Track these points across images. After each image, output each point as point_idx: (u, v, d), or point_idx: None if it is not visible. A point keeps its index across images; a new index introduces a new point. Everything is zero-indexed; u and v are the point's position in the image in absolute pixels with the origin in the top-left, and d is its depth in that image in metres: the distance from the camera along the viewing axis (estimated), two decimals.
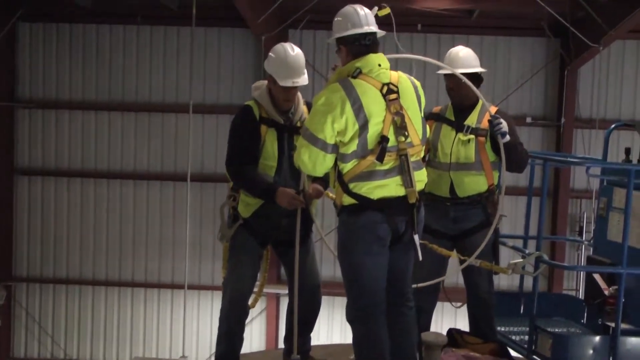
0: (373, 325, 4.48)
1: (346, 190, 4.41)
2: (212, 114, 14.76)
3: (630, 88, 14.75)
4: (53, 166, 15.51)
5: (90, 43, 15.23)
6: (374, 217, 4.40)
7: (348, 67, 4.48)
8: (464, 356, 5.33)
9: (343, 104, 4.31)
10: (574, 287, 14.67)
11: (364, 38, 4.50)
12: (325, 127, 4.32)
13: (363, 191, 4.38)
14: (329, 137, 4.34)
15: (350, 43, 4.50)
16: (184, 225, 13.44)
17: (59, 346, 15.80)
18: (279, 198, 4.95)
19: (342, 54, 4.56)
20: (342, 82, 4.41)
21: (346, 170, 4.39)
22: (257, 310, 14.74)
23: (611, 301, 5.61)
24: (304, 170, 4.56)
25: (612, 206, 5.91)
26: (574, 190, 14.78)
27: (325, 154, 4.38)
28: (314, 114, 4.41)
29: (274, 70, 5.05)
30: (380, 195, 4.38)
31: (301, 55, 5.10)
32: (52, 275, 15.71)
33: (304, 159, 4.43)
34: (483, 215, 5.69)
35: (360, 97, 4.34)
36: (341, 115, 4.30)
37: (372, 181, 4.37)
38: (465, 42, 13.40)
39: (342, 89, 4.36)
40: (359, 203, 4.39)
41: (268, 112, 5.11)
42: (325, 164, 4.43)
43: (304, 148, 4.41)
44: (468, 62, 5.71)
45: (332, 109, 4.31)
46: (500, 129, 5.42)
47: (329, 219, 14.39)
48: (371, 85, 4.40)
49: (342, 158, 4.39)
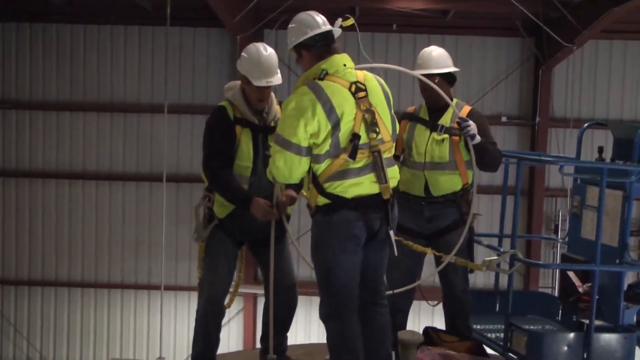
0: (347, 323, 4.49)
1: (321, 191, 4.41)
2: (188, 114, 14.71)
3: (603, 87, 14.89)
4: (27, 167, 15.38)
5: (64, 43, 15.12)
6: (348, 215, 4.41)
7: (313, 70, 4.49)
8: (440, 354, 5.35)
9: (314, 106, 4.31)
10: (550, 285, 14.77)
11: (324, 39, 4.53)
12: (298, 130, 4.31)
13: (337, 190, 4.38)
14: (302, 140, 4.33)
15: (312, 46, 4.52)
16: (160, 225, 13.39)
17: (35, 348, 15.68)
18: (253, 209, 4.96)
19: (304, 61, 4.58)
20: (310, 85, 4.41)
21: (320, 170, 4.40)
22: (234, 310, 14.73)
23: (585, 298, 5.66)
24: (280, 178, 4.51)
25: (586, 204, 5.95)
26: (549, 189, 14.89)
27: (300, 158, 4.37)
28: (286, 119, 4.39)
29: (247, 71, 5.04)
30: (355, 194, 4.39)
31: (274, 55, 5.11)
32: (27, 277, 15.58)
33: (279, 165, 4.40)
34: (457, 214, 5.72)
35: (330, 98, 4.35)
36: (313, 117, 4.31)
37: (346, 180, 4.38)
38: (440, 42, 13.48)
39: (311, 92, 4.36)
40: (333, 202, 4.40)
41: (242, 112, 5.11)
42: (301, 168, 4.41)
43: (278, 154, 4.39)
44: (441, 62, 5.73)
45: (303, 112, 4.31)
46: (468, 131, 5.46)
47: (306, 219, 14.43)
48: (339, 85, 4.41)
49: (315, 159, 4.40)
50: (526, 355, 5.45)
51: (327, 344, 4.60)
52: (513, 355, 5.62)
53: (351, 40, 4.77)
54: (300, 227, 14.21)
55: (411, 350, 5.26)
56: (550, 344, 5.45)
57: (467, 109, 5.77)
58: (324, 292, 4.54)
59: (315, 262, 4.55)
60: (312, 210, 4.51)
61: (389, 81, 5.09)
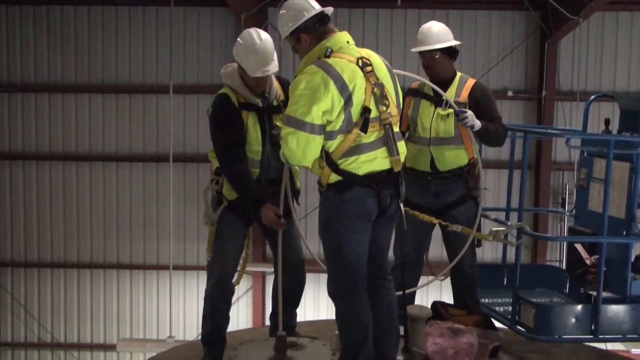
0: (356, 300, 4.50)
1: (335, 168, 4.38)
2: (193, 94, 14.70)
3: (610, 60, 14.81)
4: (34, 150, 15.42)
5: (68, 25, 15.09)
6: (361, 192, 4.41)
7: (317, 50, 4.46)
8: (449, 328, 5.37)
9: (326, 83, 4.28)
10: (558, 258, 14.78)
11: (321, 19, 4.51)
12: (311, 109, 4.26)
13: (351, 167, 4.37)
14: (316, 118, 4.28)
15: (311, 28, 4.49)
16: (168, 206, 13.44)
17: (46, 330, 15.80)
18: (263, 214, 4.97)
19: (303, 45, 4.53)
20: (318, 63, 4.37)
21: (333, 147, 4.37)
22: (243, 289, 14.80)
23: (593, 270, 5.66)
24: (293, 160, 4.43)
25: (593, 177, 5.95)
26: (556, 163, 14.87)
27: (314, 137, 4.31)
28: (298, 99, 4.32)
29: (243, 61, 4.99)
30: (367, 170, 4.39)
31: (269, 42, 5.03)
32: (36, 260, 15.67)
33: (292, 146, 4.32)
34: (464, 189, 5.73)
35: (340, 74, 4.32)
36: (326, 94, 4.27)
37: (360, 155, 4.37)
38: (445, 17, 13.43)
39: (321, 70, 4.32)
40: (345, 179, 4.38)
41: (245, 96, 5.07)
42: (315, 148, 4.35)
43: (291, 135, 4.32)
44: (442, 37, 5.70)
45: (315, 90, 4.27)
46: (466, 123, 5.46)
47: (313, 196, 14.46)
48: (346, 60, 4.40)
49: (328, 136, 4.36)
50: (534, 328, 5.47)
51: (336, 321, 4.61)
52: (521, 328, 5.63)
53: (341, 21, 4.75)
54: (308, 205, 14.28)
55: (420, 325, 5.29)
56: (558, 316, 5.46)
57: (471, 82, 5.76)
58: (333, 270, 4.54)
59: (324, 239, 4.54)
60: (322, 187, 4.48)
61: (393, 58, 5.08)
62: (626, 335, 5.58)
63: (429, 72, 5.80)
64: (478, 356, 5.29)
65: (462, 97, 5.67)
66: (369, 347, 4.53)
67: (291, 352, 4.97)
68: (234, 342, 5.30)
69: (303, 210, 13.81)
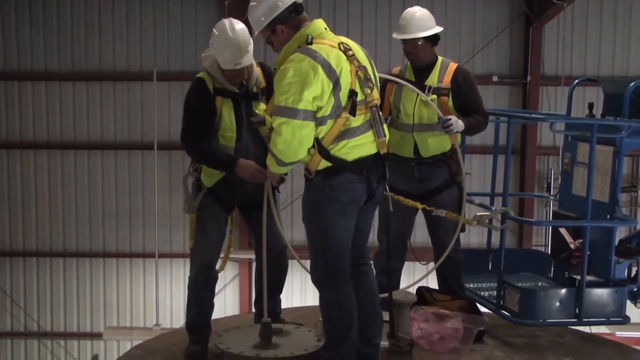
0: (342, 287, 4.49)
1: (325, 155, 4.35)
2: (178, 80, 14.62)
3: (594, 44, 14.83)
4: (18, 139, 15.32)
5: (50, 12, 14.97)
6: (351, 178, 4.39)
7: (297, 38, 4.40)
8: (434, 314, 5.39)
9: (314, 68, 4.24)
10: (543, 243, 14.84)
11: (295, 9, 4.44)
12: (303, 95, 4.21)
13: (341, 153, 4.35)
14: (308, 104, 4.23)
15: (287, 18, 4.42)
16: (153, 193, 13.40)
17: (32, 319, 15.75)
18: (239, 170, 4.91)
19: (280, 36, 4.46)
20: (302, 50, 4.32)
21: (323, 133, 4.33)
22: (229, 276, 14.80)
23: (577, 254, 5.70)
24: (288, 154, 4.31)
25: (577, 161, 5.97)
26: (541, 147, 14.90)
27: (308, 123, 4.25)
28: (287, 88, 4.24)
29: (216, 52, 4.94)
30: (357, 156, 4.38)
31: (243, 34, 4.94)
32: (22, 249, 15.60)
33: (287, 137, 4.24)
34: (447, 175, 5.74)
35: (327, 59, 4.29)
36: (316, 80, 4.23)
37: (349, 139, 4.35)
38: (430, 2, 13.38)
39: (307, 56, 4.28)
40: (335, 165, 4.36)
41: (221, 82, 5.02)
42: (310, 135, 4.28)
43: (284, 125, 4.23)
44: (424, 24, 5.68)
45: (305, 76, 4.22)
46: (451, 130, 5.48)
47: (298, 183, 14.46)
48: (328, 45, 4.37)
49: (319, 122, 4.32)
50: (519, 312, 5.50)
51: (320, 308, 4.59)
52: (506, 313, 5.66)
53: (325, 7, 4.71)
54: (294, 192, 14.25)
55: (404, 310, 5.30)
56: (543, 300, 5.50)
57: (453, 66, 5.75)
58: (319, 257, 4.51)
59: (310, 226, 4.51)
60: (310, 174, 4.42)
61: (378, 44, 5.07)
62: (610, 318, 5.62)
63: (411, 59, 5.79)
64: (463, 341, 5.31)
65: (445, 83, 5.67)
66: (354, 333, 4.53)
67: (276, 338, 4.96)
68: (220, 329, 5.29)
69: (286, 197, 13.81)
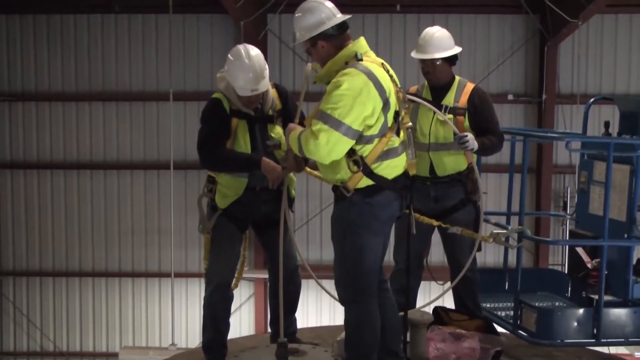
0: (371, 305, 4.50)
1: (367, 172, 4.36)
2: (194, 100, 14.71)
3: (610, 62, 14.81)
4: (35, 159, 15.44)
5: (68, 33, 15.14)
6: (390, 196, 4.44)
7: (345, 54, 4.40)
8: (451, 333, 5.36)
9: (367, 87, 4.26)
10: (560, 262, 14.76)
11: (340, 27, 4.46)
12: (352, 111, 4.21)
13: (384, 172, 4.39)
14: (354, 122, 4.23)
15: (330, 35, 4.43)
16: (169, 213, 13.43)
17: (48, 339, 15.79)
18: (264, 169, 4.90)
19: (319, 51, 4.47)
20: (356, 66, 4.32)
21: (368, 152, 4.35)
22: (245, 295, 14.79)
23: (594, 274, 5.66)
24: (314, 155, 4.32)
25: (593, 180, 5.95)
26: (557, 166, 14.86)
27: (347, 139, 4.24)
28: (338, 99, 4.23)
29: (232, 79, 4.94)
30: (395, 175, 4.44)
31: (258, 60, 4.94)
32: (38, 268, 15.68)
33: (321, 142, 4.21)
34: (463, 194, 5.72)
35: (378, 78, 4.33)
36: (368, 98, 4.25)
37: (392, 159, 4.41)
38: (444, 21, 13.44)
39: (361, 72, 4.28)
40: (376, 184, 4.38)
41: (237, 104, 5.03)
42: (342, 150, 4.28)
43: (324, 132, 4.21)
44: (443, 45, 5.68)
45: (358, 93, 4.23)
46: (467, 147, 5.46)
47: (313, 204, 14.48)
48: (376, 65, 4.40)
49: (366, 140, 4.33)
50: (536, 332, 5.45)
51: (345, 326, 4.58)
52: (523, 333, 5.62)
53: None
54: (309, 212, 14.27)
55: (421, 330, 5.27)
56: (560, 320, 5.45)
57: (470, 87, 5.75)
58: (351, 274, 4.47)
59: (342, 244, 4.48)
60: (348, 192, 4.40)
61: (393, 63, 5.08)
62: (629, 339, 5.57)
63: (428, 78, 5.79)
64: None
65: (462, 102, 5.67)
66: (376, 354, 4.55)
67: (293, 358, 4.95)
68: (236, 349, 5.29)
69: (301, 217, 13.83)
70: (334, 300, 4.85)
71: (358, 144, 4.33)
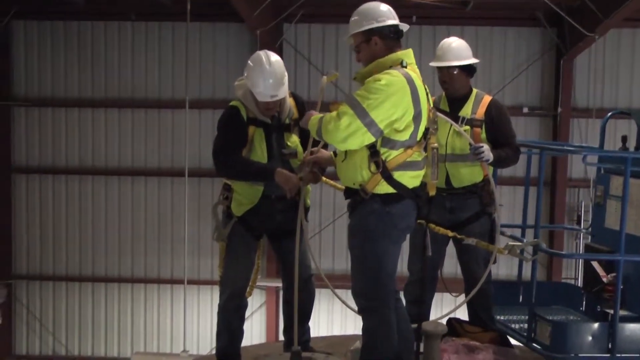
0: (389, 313, 4.51)
1: (387, 177, 4.37)
2: (209, 108, 14.76)
3: (626, 77, 14.76)
4: (50, 164, 15.52)
5: (85, 40, 15.23)
6: (409, 205, 4.47)
7: (392, 59, 4.43)
8: (464, 345, 5.36)
9: (404, 91, 4.29)
10: (573, 276, 14.70)
11: (396, 32, 4.51)
12: (381, 107, 4.23)
13: (405, 180, 4.41)
14: (379, 119, 4.24)
15: (386, 36, 4.47)
16: (183, 220, 13.47)
17: (61, 343, 15.84)
18: (279, 179, 4.91)
19: (372, 47, 4.48)
20: (399, 70, 4.36)
21: (391, 157, 4.36)
22: (257, 304, 14.79)
23: (609, 288, 5.62)
24: (329, 137, 4.33)
25: (610, 194, 5.92)
26: (572, 180, 14.80)
27: (367, 132, 4.24)
28: (372, 91, 4.26)
29: (251, 84, 4.95)
30: (414, 185, 4.47)
31: (279, 66, 4.97)
32: (51, 273, 15.73)
33: (342, 125, 4.22)
34: (479, 205, 5.72)
35: (417, 88, 4.36)
36: (401, 101, 4.28)
37: (413, 171, 4.44)
38: (460, 33, 13.43)
39: (402, 76, 4.32)
40: (397, 192, 4.39)
41: (254, 112, 5.05)
42: (359, 141, 4.27)
43: (348, 116, 4.23)
44: (461, 54, 5.71)
45: (393, 92, 4.25)
46: (482, 157, 5.45)
47: (326, 213, 14.49)
48: (418, 76, 4.43)
49: (392, 145, 4.35)
50: (550, 346, 5.42)
51: (363, 334, 4.58)
52: (537, 346, 5.59)
53: None
54: (322, 222, 14.27)
55: (435, 341, 5.26)
56: (575, 334, 5.42)
57: (487, 99, 5.76)
58: (370, 283, 4.48)
59: (362, 252, 4.48)
60: (366, 195, 4.40)
61: None
62: None
63: (445, 87, 5.81)
64: None
65: (479, 114, 5.67)
66: None
67: None
68: (249, 357, 5.30)
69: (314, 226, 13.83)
70: (345, 310, 4.87)
71: (384, 147, 4.35)
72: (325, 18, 14.53)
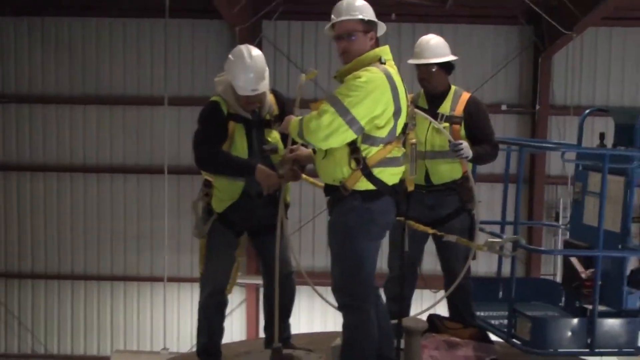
0: (369, 310, 4.51)
1: (367, 174, 4.38)
2: (188, 105, 14.69)
3: (603, 74, 14.86)
4: (28, 161, 15.39)
5: (62, 37, 15.10)
6: (389, 202, 4.48)
7: (371, 56, 4.46)
8: (445, 341, 5.38)
9: (384, 87, 4.32)
10: (552, 272, 14.78)
11: (380, 31, 4.61)
12: (362, 104, 4.25)
13: (385, 177, 4.42)
14: (360, 116, 4.26)
15: (375, 33, 4.57)
16: (162, 218, 13.42)
17: (39, 341, 15.73)
18: (258, 176, 4.91)
19: (365, 40, 4.51)
20: (378, 67, 4.39)
21: (371, 154, 4.38)
22: (237, 301, 14.77)
23: (588, 284, 5.68)
24: (314, 135, 4.31)
25: (588, 190, 5.98)
26: (550, 177, 14.89)
27: (348, 129, 4.25)
28: (353, 88, 4.28)
29: (232, 77, 4.95)
30: (393, 182, 4.48)
31: (260, 60, 4.97)
32: (30, 271, 15.62)
33: (323, 123, 4.24)
34: (458, 202, 5.74)
35: (396, 84, 4.40)
36: (381, 98, 4.30)
37: (392, 167, 4.45)
38: (439, 31, 13.43)
39: (382, 73, 4.35)
40: (377, 189, 4.40)
41: (235, 108, 5.05)
42: (341, 139, 4.28)
43: (329, 114, 4.24)
44: (439, 51, 5.73)
45: (373, 89, 4.28)
46: (461, 155, 5.49)
47: (306, 210, 14.48)
48: (396, 72, 4.47)
49: (372, 142, 4.37)
50: (530, 341, 5.47)
51: (344, 331, 4.58)
52: (517, 342, 5.64)
53: None
54: (302, 219, 14.26)
55: (415, 338, 5.28)
56: (554, 329, 5.48)
57: (465, 96, 5.78)
58: (350, 280, 4.48)
59: (342, 248, 4.48)
60: (347, 191, 4.40)
61: None
62: (622, 349, 5.60)
63: (424, 85, 5.82)
64: None
65: (457, 111, 5.70)
66: (374, 356, 4.58)
67: None
68: (229, 354, 5.30)
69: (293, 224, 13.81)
70: (326, 307, 4.87)
71: (364, 144, 4.36)
72: (305, 15, 14.51)
